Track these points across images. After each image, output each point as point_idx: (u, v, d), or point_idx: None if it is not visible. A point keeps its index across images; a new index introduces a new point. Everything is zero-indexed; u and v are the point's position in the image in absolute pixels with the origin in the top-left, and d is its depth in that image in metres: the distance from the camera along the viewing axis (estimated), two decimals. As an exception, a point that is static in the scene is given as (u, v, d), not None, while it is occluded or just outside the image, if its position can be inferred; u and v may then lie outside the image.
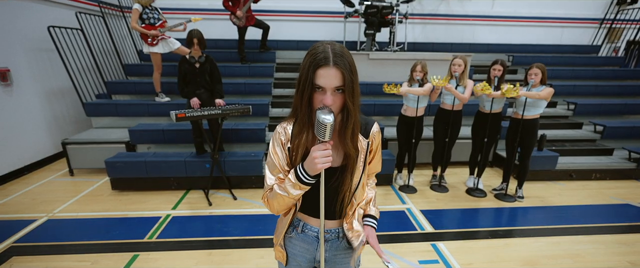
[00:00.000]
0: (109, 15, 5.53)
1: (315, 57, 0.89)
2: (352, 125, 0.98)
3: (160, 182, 3.66)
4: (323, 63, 0.88)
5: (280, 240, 1.18)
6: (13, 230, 2.87)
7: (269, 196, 1.05)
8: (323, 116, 0.86)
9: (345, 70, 0.89)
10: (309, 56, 0.91)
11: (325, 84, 0.89)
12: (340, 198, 1.07)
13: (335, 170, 1.04)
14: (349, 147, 1.00)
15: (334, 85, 0.89)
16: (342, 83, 0.90)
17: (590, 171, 4.22)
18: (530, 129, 3.35)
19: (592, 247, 2.75)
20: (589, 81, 6.20)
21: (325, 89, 0.90)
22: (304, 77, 0.91)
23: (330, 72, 0.88)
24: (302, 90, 0.92)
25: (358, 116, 1.00)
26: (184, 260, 2.50)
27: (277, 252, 1.22)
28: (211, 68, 3.53)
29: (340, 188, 1.05)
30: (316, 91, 0.92)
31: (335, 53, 0.89)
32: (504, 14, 7.27)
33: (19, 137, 4.10)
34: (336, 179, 1.05)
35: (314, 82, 0.90)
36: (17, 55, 4.09)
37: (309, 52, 0.93)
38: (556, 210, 3.45)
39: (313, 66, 0.89)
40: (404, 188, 3.81)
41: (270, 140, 1.10)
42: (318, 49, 0.91)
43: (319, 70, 0.88)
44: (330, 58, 0.88)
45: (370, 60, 5.36)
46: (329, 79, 0.88)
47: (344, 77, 0.89)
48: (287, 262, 1.20)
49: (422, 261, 2.54)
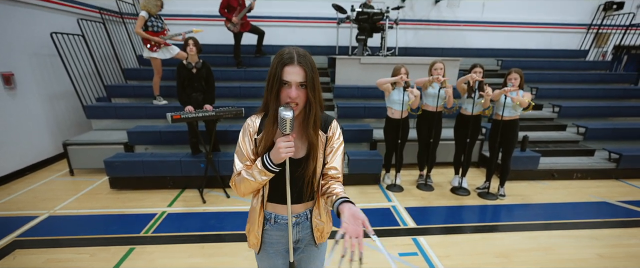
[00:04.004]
0: (109, 22, 5.73)
1: (282, 57, 1.08)
2: (313, 116, 1.15)
3: (156, 181, 3.81)
4: (289, 62, 1.06)
5: (257, 230, 1.30)
6: (16, 225, 3.03)
7: (236, 180, 1.20)
8: (284, 113, 1.04)
9: (307, 69, 1.08)
10: (277, 57, 1.10)
11: (290, 79, 1.07)
12: (306, 183, 1.23)
13: (299, 160, 1.20)
14: (311, 136, 1.16)
15: (297, 81, 1.07)
16: (305, 79, 1.08)
17: (571, 171, 4.38)
18: (511, 130, 3.52)
19: (565, 241, 2.90)
20: (576, 84, 6.39)
21: (290, 83, 1.07)
22: (272, 74, 1.09)
23: (295, 69, 1.06)
24: (271, 86, 1.10)
25: (318, 109, 1.16)
26: (177, 253, 2.65)
27: (253, 238, 1.33)
28: (207, 74, 3.70)
29: (304, 174, 1.21)
30: (283, 86, 1.09)
31: (299, 54, 1.08)
32: (494, 20, 7.48)
33: (22, 139, 4.26)
34: (302, 168, 1.20)
35: (281, 78, 1.07)
36: (21, 60, 4.27)
37: (277, 54, 1.11)
38: (536, 207, 3.61)
39: (281, 64, 1.07)
40: (391, 188, 3.97)
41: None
42: (285, 51, 1.10)
43: (286, 68, 1.06)
44: (294, 58, 1.07)
45: (361, 65, 5.55)
46: (293, 75, 1.06)
47: (306, 74, 1.07)
48: (260, 249, 1.34)
49: (402, 253, 2.69)
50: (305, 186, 1.23)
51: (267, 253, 1.35)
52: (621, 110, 5.64)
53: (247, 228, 1.36)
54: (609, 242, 2.90)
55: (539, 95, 5.85)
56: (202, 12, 6.73)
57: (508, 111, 3.46)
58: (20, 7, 4.29)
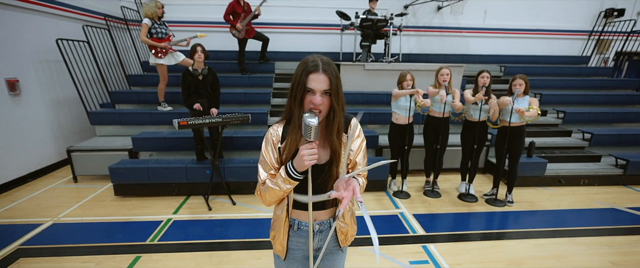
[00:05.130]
0: (114, 28, 5.75)
1: (307, 65, 1.08)
2: (337, 123, 1.15)
3: (161, 188, 3.78)
4: (314, 69, 1.07)
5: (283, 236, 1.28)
6: (19, 233, 2.98)
7: (261, 190, 1.19)
8: (309, 119, 1.02)
9: (332, 77, 1.08)
10: (301, 65, 1.10)
11: (315, 87, 1.07)
12: (329, 188, 1.21)
13: (322, 166, 1.19)
14: (335, 143, 1.16)
15: (322, 89, 1.07)
16: (329, 87, 1.08)
17: (578, 177, 4.35)
18: (518, 136, 3.50)
19: (576, 248, 2.87)
20: (579, 90, 6.40)
21: (314, 91, 1.07)
22: (297, 81, 1.09)
23: (320, 77, 1.06)
24: (295, 93, 1.10)
25: (341, 116, 1.17)
26: (185, 262, 2.61)
27: (278, 245, 1.32)
28: (213, 80, 3.70)
29: (328, 180, 1.20)
30: (307, 94, 1.09)
31: (323, 62, 1.09)
32: (496, 26, 7.52)
33: (26, 145, 4.24)
34: (324, 175, 1.19)
35: (305, 86, 1.07)
36: (26, 66, 4.27)
37: (301, 62, 1.12)
38: (545, 214, 3.57)
39: (305, 72, 1.07)
40: (397, 194, 3.94)
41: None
42: (309, 59, 1.10)
43: (311, 75, 1.07)
44: (320, 66, 1.07)
45: (366, 71, 5.56)
46: (318, 82, 1.07)
47: (330, 82, 1.08)
48: (286, 256, 1.33)
49: (413, 261, 2.65)
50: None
51: (288, 259, 1.34)
52: (626, 116, 5.64)
53: (271, 235, 1.35)
54: (621, 250, 2.86)
55: (542, 101, 5.85)
56: (206, 19, 6.76)
57: (516, 117, 3.44)
58: (27, 13, 4.30)
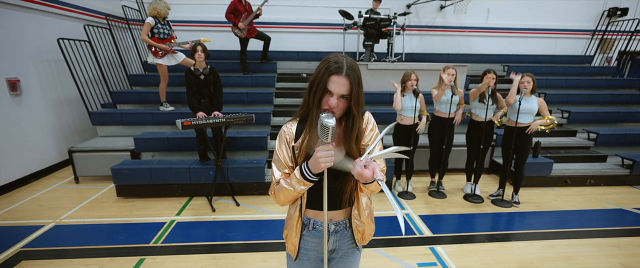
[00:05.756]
0: (115, 28, 5.71)
1: (330, 64, 1.03)
2: (356, 130, 1.10)
3: (164, 189, 3.74)
4: (336, 71, 1.01)
5: (295, 236, 1.25)
6: (21, 235, 2.94)
7: (276, 189, 1.16)
8: (326, 120, 0.98)
9: (354, 82, 1.03)
10: (324, 62, 1.05)
11: (334, 90, 1.02)
12: (347, 190, 1.18)
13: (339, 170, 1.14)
14: (353, 151, 1.12)
15: (341, 92, 1.03)
16: (349, 92, 1.03)
17: (584, 177, 4.31)
18: (525, 136, 3.47)
19: (586, 250, 2.83)
20: (583, 90, 6.36)
21: (333, 93, 1.02)
22: (317, 79, 1.04)
23: (341, 80, 1.01)
24: (314, 91, 1.05)
25: (361, 124, 1.12)
26: (189, 264, 2.57)
27: (290, 245, 1.29)
28: (215, 80, 3.66)
29: (345, 183, 1.16)
30: (325, 94, 1.05)
31: (348, 65, 1.03)
32: (499, 26, 7.49)
33: (27, 145, 4.20)
34: (340, 180, 1.15)
35: (326, 86, 1.02)
36: (27, 66, 4.22)
37: (325, 59, 1.06)
38: (551, 215, 3.54)
39: (327, 72, 1.02)
40: (402, 195, 3.90)
41: (275, 143, 1.21)
42: (332, 58, 1.05)
43: (332, 77, 1.02)
44: (343, 68, 1.02)
45: (368, 71, 5.52)
46: (339, 85, 1.02)
47: (351, 87, 1.03)
48: (297, 256, 1.30)
49: (421, 264, 2.61)
50: (346, 193, 1.19)
51: (300, 259, 1.30)
52: (630, 115, 5.60)
53: (284, 233, 1.33)
54: (631, 251, 2.83)
55: (547, 100, 5.79)
56: (208, 18, 6.72)
57: (523, 117, 3.41)
58: (28, 13, 4.26)
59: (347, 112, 1.10)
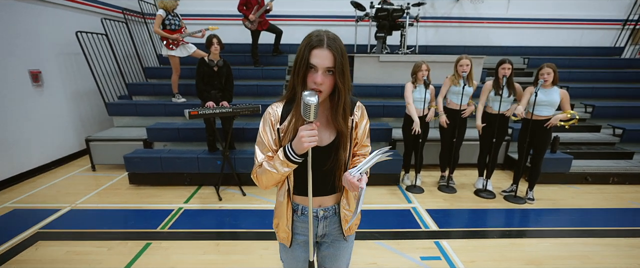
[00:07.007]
0: (131, 22, 5.86)
1: (311, 39, 1.01)
2: (342, 104, 1.07)
3: (174, 178, 3.83)
4: (317, 44, 0.99)
5: (287, 223, 1.24)
6: (39, 218, 3.09)
7: (258, 172, 1.14)
8: (309, 98, 0.95)
9: (337, 53, 1.00)
10: (305, 39, 1.03)
11: (318, 63, 0.99)
12: (335, 174, 1.16)
13: (328, 148, 1.12)
14: (341, 125, 1.09)
15: (325, 66, 1.00)
16: (333, 64, 1.00)
17: (607, 175, 4.07)
18: (544, 129, 3.29)
19: (602, 249, 2.68)
20: (610, 84, 6.00)
21: (317, 68, 1.00)
22: (299, 57, 1.02)
23: (323, 53, 0.99)
24: (297, 69, 1.03)
25: (348, 97, 1.09)
26: (193, 249, 2.62)
27: (282, 233, 1.27)
28: (227, 72, 3.69)
29: (334, 165, 1.14)
30: (310, 71, 1.02)
31: (329, 37, 1.01)
32: (520, 16, 7.16)
33: (48, 134, 4.40)
34: (331, 159, 1.13)
35: (308, 61, 1.00)
36: (48, 58, 4.41)
37: (306, 36, 1.04)
38: (568, 212, 3.37)
39: (308, 47, 1.00)
40: (410, 189, 3.82)
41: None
42: (314, 34, 1.02)
43: (314, 51, 0.99)
44: (324, 41, 0.99)
45: (380, 63, 5.42)
46: (321, 59, 0.99)
47: (335, 59, 1.00)
48: (291, 242, 1.28)
49: (424, 257, 2.55)
50: (335, 177, 1.16)
51: (294, 246, 1.29)
52: (662, 110, 5.23)
53: (274, 223, 1.31)
54: (653, 252, 2.65)
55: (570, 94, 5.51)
56: (220, 12, 6.79)
57: (543, 110, 3.22)
58: (48, 6, 4.43)
59: (333, 90, 1.07)
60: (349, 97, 1.11)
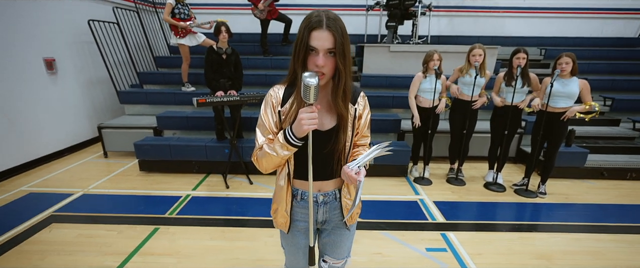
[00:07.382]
0: (142, 11, 5.90)
1: (310, 21, 0.97)
2: (343, 86, 1.04)
3: (183, 165, 3.88)
4: (317, 26, 0.96)
5: (286, 208, 1.22)
6: (53, 201, 3.19)
7: (258, 155, 1.13)
8: (308, 79, 0.93)
9: (337, 34, 0.96)
10: (305, 21, 0.99)
11: (318, 45, 0.96)
12: (336, 158, 1.14)
13: (329, 133, 1.10)
14: (341, 108, 1.07)
15: (326, 47, 0.96)
16: (334, 45, 0.97)
17: (625, 170, 3.93)
18: (560, 122, 3.18)
19: (616, 246, 2.60)
20: (631, 76, 5.75)
21: (317, 50, 0.97)
22: (299, 39, 0.99)
23: (323, 34, 0.95)
24: (297, 52, 1.00)
25: (349, 79, 1.06)
26: (199, 235, 2.67)
27: (281, 218, 1.25)
28: (236, 60, 3.68)
29: (334, 149, 1.12)
30: (310, 53, 0.99)
31: (328, 18, 0.97)
32: (537, 5, 6.90)
33: (62, 121, 4.51)
34: (331, 142, 1.11)
35: (308, 44, 0.97)
36: (61, 46, 4.49)
37: (305, 17, 1.00)
38: (582, 207, 3.27)
39: (308, 29, 0.96)
40: (419, 180, 3.77)
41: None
42: (313, 14, 0.99)
43: (313, 33, 0.96)
44: (323, 21, 0.96)
45: (390, 53, 5.32)
46: (321, 40, 0.96)
47: (335, 40, 0.96)
48: (290, 228, 1.27)
49: (430, 249, 2.52)
50: (335, 162, 1.15)
51: (293, 232, 1.27)
52: (686, 104, 4.99)
53: (273, 208, 1.29)
54: (670, 250, 2.56)
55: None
56: (230, 1, 6.76)
57: (560, 101, 3.10)
58: (61, -5, 4.50)
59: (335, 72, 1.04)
60: (350, 79, 1.08)
